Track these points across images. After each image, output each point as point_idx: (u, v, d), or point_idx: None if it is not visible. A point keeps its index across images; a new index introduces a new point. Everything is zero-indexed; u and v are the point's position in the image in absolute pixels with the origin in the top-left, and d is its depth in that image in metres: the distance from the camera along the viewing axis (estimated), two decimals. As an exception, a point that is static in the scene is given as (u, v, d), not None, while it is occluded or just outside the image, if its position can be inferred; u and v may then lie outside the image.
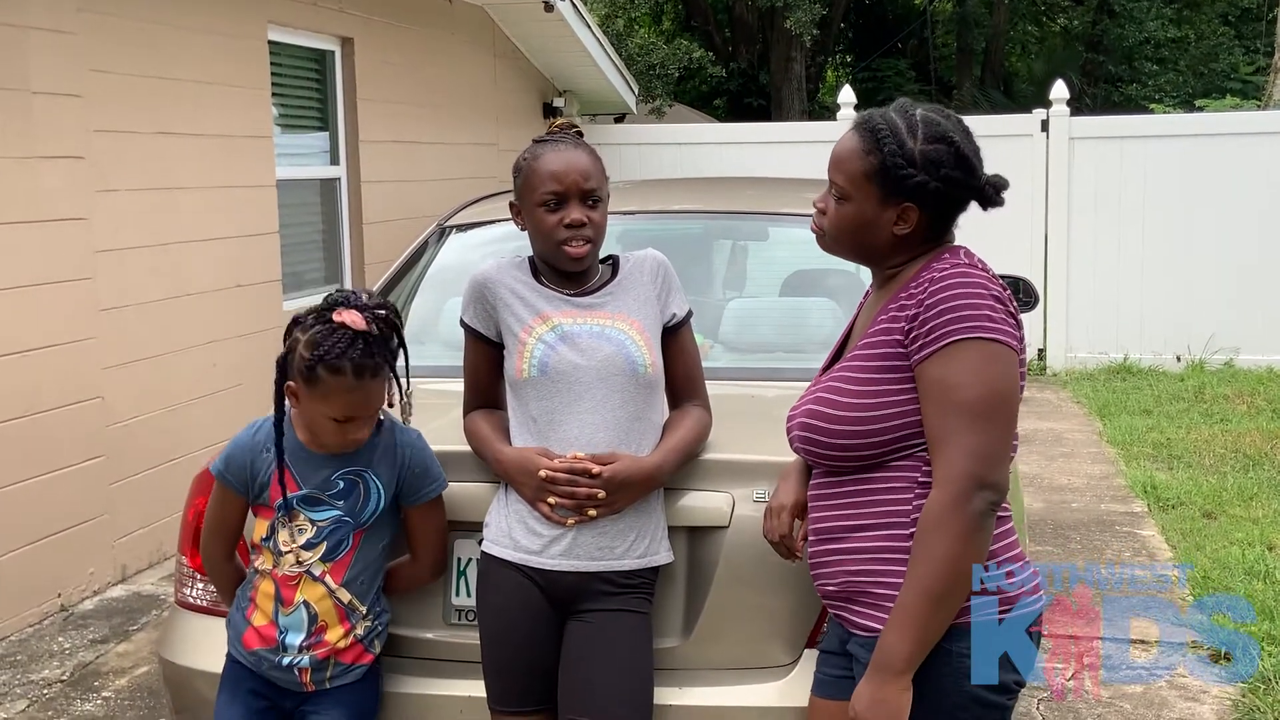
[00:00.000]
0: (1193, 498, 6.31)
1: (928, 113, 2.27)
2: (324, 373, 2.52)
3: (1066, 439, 7.90)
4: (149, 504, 5.56)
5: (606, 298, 2.66)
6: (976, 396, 2.10)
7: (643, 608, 2.57)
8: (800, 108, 20.15)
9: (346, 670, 2.66)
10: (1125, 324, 9.97)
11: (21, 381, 4.95)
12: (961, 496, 2.07)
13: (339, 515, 2.62)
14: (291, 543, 2.62)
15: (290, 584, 2.62)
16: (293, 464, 2.62)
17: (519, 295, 2.66)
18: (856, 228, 2.27)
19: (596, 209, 2.61)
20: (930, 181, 2.20)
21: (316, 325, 2.56)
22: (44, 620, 5.08)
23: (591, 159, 2.64)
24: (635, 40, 15.02)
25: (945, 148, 2.22)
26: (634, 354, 2.58)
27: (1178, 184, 9.81)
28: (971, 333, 2.11)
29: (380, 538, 2.67)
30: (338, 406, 2.54)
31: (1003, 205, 2.29)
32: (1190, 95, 19.01)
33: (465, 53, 9.17)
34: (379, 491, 2.63)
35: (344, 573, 2.63)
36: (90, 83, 5.29)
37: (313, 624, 2.62)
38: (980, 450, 2.09)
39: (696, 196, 4.83)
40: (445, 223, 4.17)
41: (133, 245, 5.57)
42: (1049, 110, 10.05)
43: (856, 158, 2.24)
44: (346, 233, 7.65)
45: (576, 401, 2.57)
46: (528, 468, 2.54)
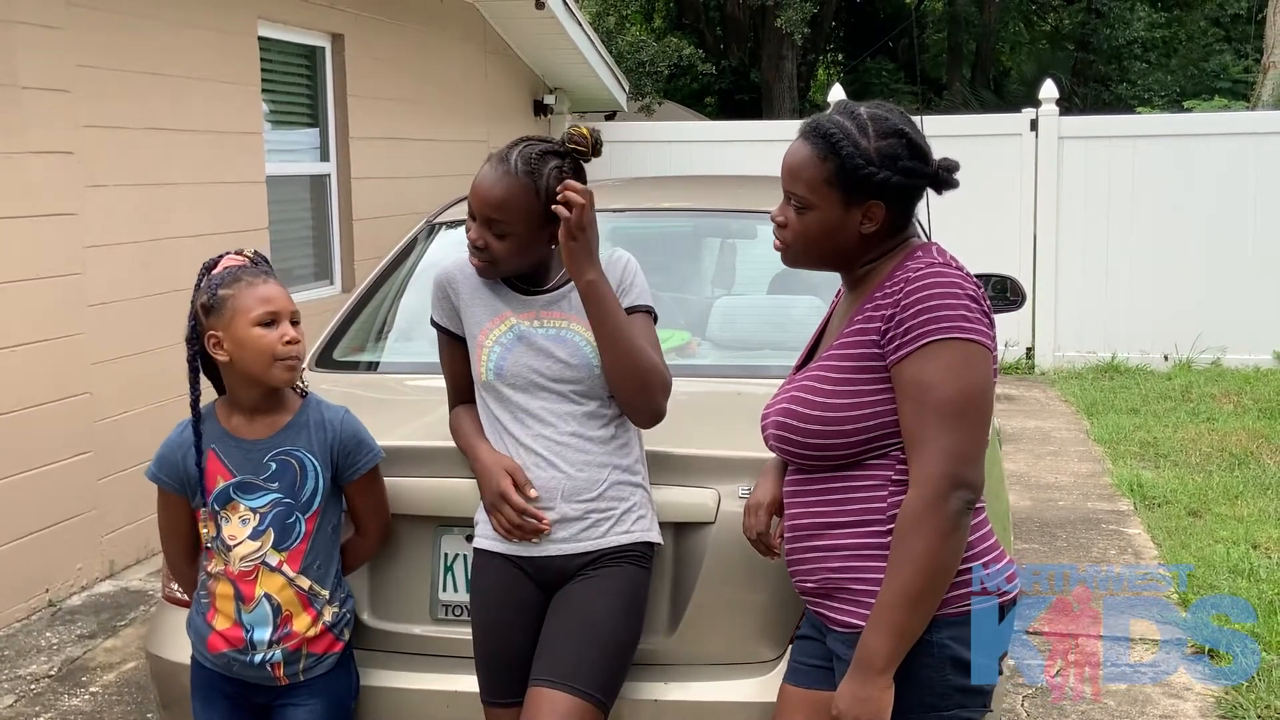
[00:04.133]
0: (1178, 496, 6.34)
1: (872, 110, 2.28)
2: (225, 289, 2.57)
3: (1054, 437, 7.93)
4: (137, 500, 5.55)
5: (564, 298, 2.65)
6: (952, 396, 2.11)
7: (629, 575, 2.55)
8: (791, 106, 20.17)
9: (319, 661, 2.66)
10: (1113, 323, 10.00)
11: (9, 377, 4.95)
12: (939, 496, 2.09)
13: (277, 498, 2.60)
14: (238, 536, 2.60)
15: (248, 579, 2.60)
16: (221, 453, 2.61)
17: (478, 294, 2.67)
18: (823, 235, 2.27)
19: (503, 239, 2.56)
20: (892, 176, 2.21)
21: (202, 278, 2.63)
22: (32, 615, 5.08)
23: (515, 190, 2.54)
24: (626, 38, 15.02)
25: (898, 141, 2.23)
26: (589, 355, 2.59)
27: (1166, 183, 9.85)
28: (948, 333, 2.13)
29: (330, 519, 2.67)
30: (254, 303, 2.56)
31: (957, 186, 2.30)
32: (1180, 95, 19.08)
33: (456, 49, 9.17)
34: (315, 470, 2.62)
35: (300, 560, 2.61)
36: (79, 78, 5.29)
37: (277, 615, 2.60)
38: (956, 450, 2.11)
39: (686, 194, 4.84)
40: (434, 219, 4.18)
41: (122, 240, 5.56)
42: (1038, 110, 10.07)
43: (813, 164, 2.24)
44: (336, 229, 7.65)
45: (533, 402, 2.58)
46: (491, 484, 2.57)
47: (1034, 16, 24.96)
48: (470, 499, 2.69)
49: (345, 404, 2.73)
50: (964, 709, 2.21)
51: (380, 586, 2.81)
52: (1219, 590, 4.93)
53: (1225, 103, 15.85)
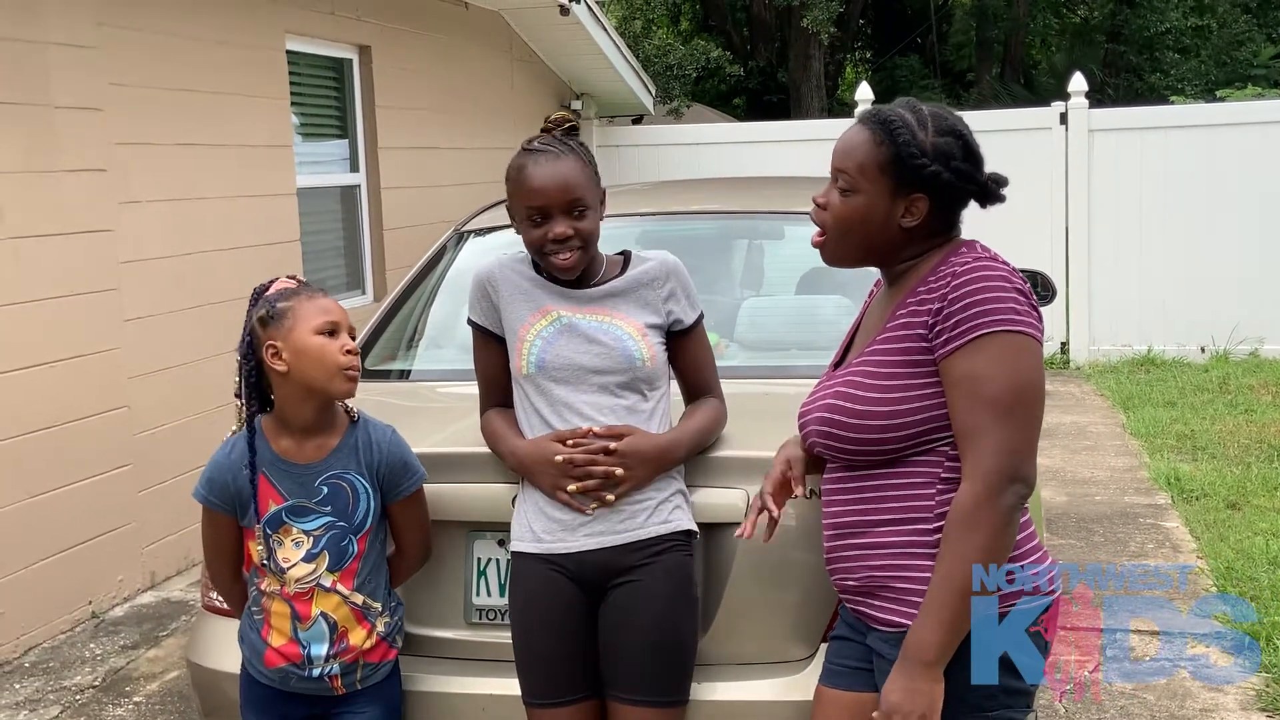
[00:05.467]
0: (1216, 489, 6.29)
1: (934, 108, 2.29)
2: (283, 302, 2.59)
3: (1090, 432, 7.88)
4: (176, 511, 5.61)
5: (607, 297, 2.68)
6: (1005, 389, 2.10)
7: (676, 566, 2.57)
8: (820, 105, 20.13)
9: (375, 670, 2.69)
10: (1148, 316, 9.93)
11: (49, 392, 5.02)
12: (993, 491, 2.09)
13: (331, 521, 2.61)
14: (291, 559, 2.61)
15: (304, 599, 2.62)
16: (272, 476, 2.62)
17: (520, 290, 2.69)
18: (864, 220, 2.26)
19: (585, 218, 2.60)
20: (943, 172, 2.21)
21: (257, 298, 2.65)
22: (75, 627, 5.15)
23: (576, 166, 2.61)
24: (653, 41, 15.04)
25: (955, 140, 2.24)
26: (631, 349, 2.61)
27: (1199, 174, 9.76)
28: (998, 326, 2.12)
29: (380, 535, 2.69)
30: (315, 312, 2.58)
31: (1004, 201, 2.30)
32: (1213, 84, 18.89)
33: (482, 57, 9.22)
34: (366, 492, 2.63)
35: (353, 578, 2.64)
36: (111, 96, 5.36)
37: (334, 632, 2.63)
38: (1010, 445, 2.10)
39: (713, 197, 4.85)
40: (462, 227, 4.21)
41: (156, 256, 5.63)
42: (1068, 103, 10.01)
43: (868, 148, 2.24)
44: (367, 239, 7.71)
45: (574, 395, 2.60)
46: (544, 456, 2.57)
47: (1063, 8, 24.80)
48: (502, 504, 2.71)
49: (377, 413, 2.75)
50: (1009, 709, 2.21)
51: (414, 591, 2.84)
52: (1259, 583, 4.90)
53: (1259, 90, 15.70)
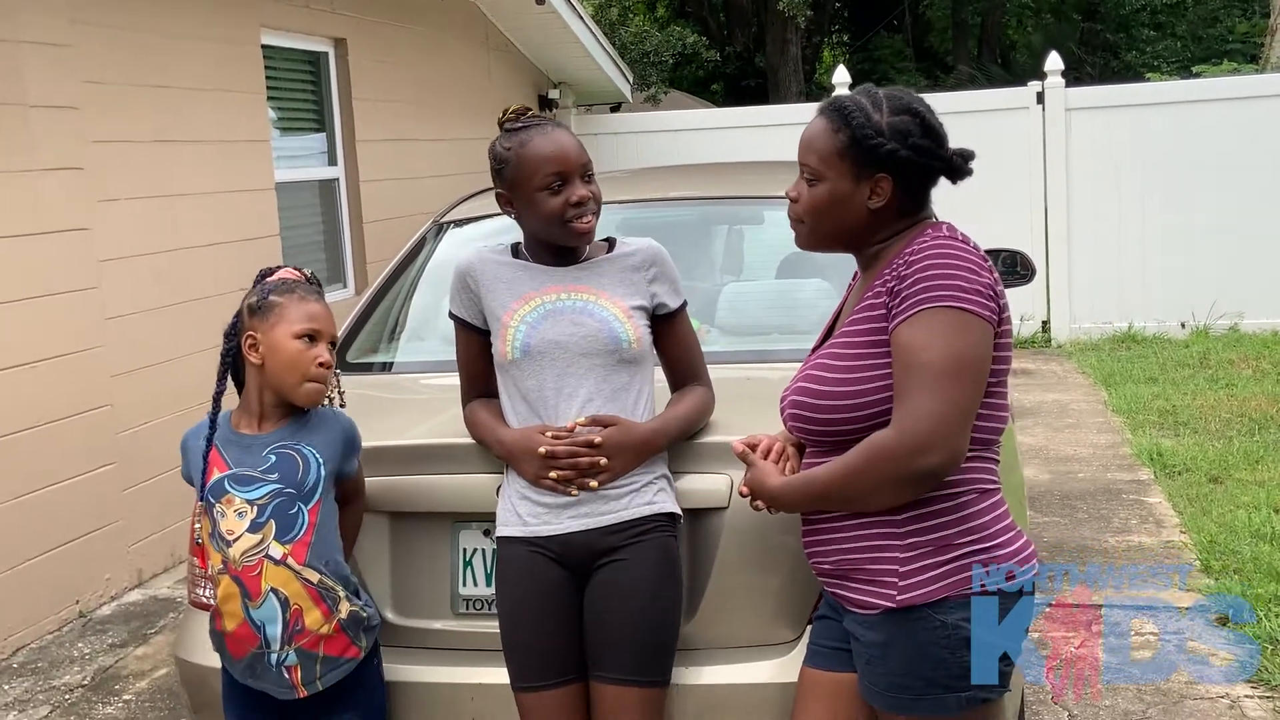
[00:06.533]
0: (1199, 463, 6.34)
1: (889, 90, 2.34)
2: (276, 296, 2.64)
3: (1072, 409, 7.92)
4: (162, 509, 5.61)
5: (592, 270, 2.70)
6: (940, 358, 2.12)
7: (661, 547, 2.58)
8: (798, 89, 20.14)
9: (335, 665, 2.62)
10: (1128, 293, 9.98)
11: (31, 392, 5.00)
12: (913, 451, 2.12)
13: (277, 488, 2.60)
14: (235, 530, 2.59)
15: (252, 574, 2.58)
16: (222, 448, 2.65)
17: (501, 278, 2.70)
18: (831, 205, 2.31)
19: (593, 182, 2.68)
20: (900, 149, 2.25)
21: (257, 284, 2.70)
22: (63, 627, 5.14)
23: (574, 136, 2.71)
24: (629, 29, 15.01)
25: (911, 118, 2.28)
26: (617, 330, 2.62)
27: (1176, 151, 9.81)
28: (940, 301, 2.15)
29: (330, 513, 2.66)
30: (298, 318, 2.61)
31: (971, 175, 2.33)
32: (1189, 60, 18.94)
33: (458, 48, 9.20)
34: (316, 460, 2.63)
35: (305, 552, 2.60)
36: (86, 94, 5.33)
37: (286, 610, 2.58)
38: (939, 412, 2.12)
39: (692, 183, 4.86)
40: (442, 219, 4.21)
41: (136, 253, 5.61)
42: (1044, 82, 10.05)
43: (826, 136, 2.30)
44: (347, 233, 7.70)
45: (560, 378, 2.62)
46: (529, 446, 2.59)
47: (1039, -12, 24.82)
48: (487, 494, 2.72)
49: (360, 406, 2.77)
50: (981, 689, 2.23)
51: (401, 583, 2.85)
52: (1241, 556, 4.94)
53: (1234, 66, 15.74)
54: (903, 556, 2.21)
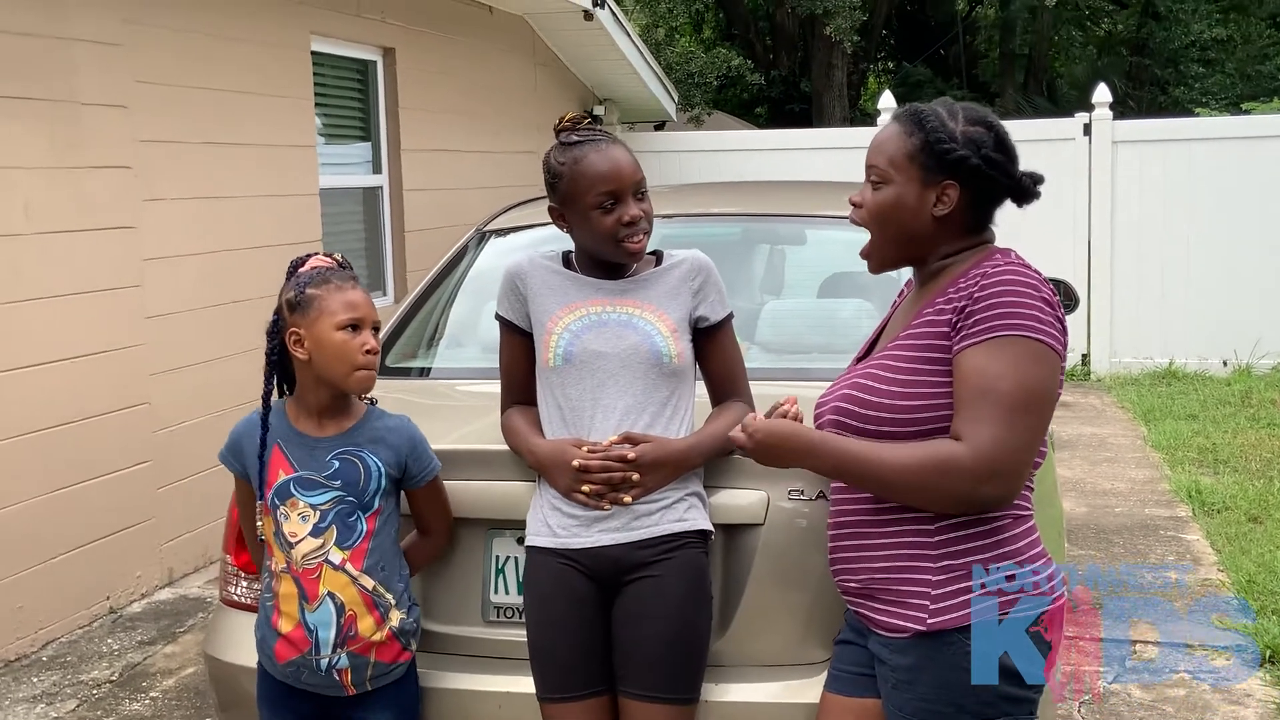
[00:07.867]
0: (1238, 502, 6.25)
1: (968, 105, 2.34)
2: (313, 289, 2.61)
3: (1110, 444, 7.84)
4: (195, 508, 5.64)
5: (639, 285, 2.68)
6: (1016, 389, 2.11)
7: (692, 564, 2.56)
8: (842, 114, 20.09)
9: (386, 670, 2.66)
10: (1170, 328, 9.88)
11: (70, 387, 5.04)
12: (984, 477, 2.09)
13: (339, 495, 2.61)
14: (298, 533, 2.60)
15: (311, 577, 2.61)
16: (285, 447, 2.64)
17: (550, 285, 2.70)
18: (896, 209, 2.29)
19: (645, 200, 2.66)
20: (971, 157, 2.23)
21: (291, 278, 2.67)
22: (93, 622, 5.17)
23: (629, 152, 2.68)
24: (675, 49, 15.05)
25: (986, 131, 2.27)
26: (659, 344, 2.61)
27: (1222, 187, 9.72)
28: (1019, 330, 2.13)
29: (390, 523, 2.67)
30: (340, 307, 2.59)
31: (1039, 198, 2.31)
32: (1237, 98, 18.79)
33: (506, 61, 9.24)
34: (378, 468, 2.63)
35: (363, 559, 2.62)
36: (136, 93, 5.38)
37: (341, 615, 2.60)
38: (1014, 445, 2.10)
39: (734, 200, 4.85)
40: (484, 228, 4.21)
41: (179, 253, 5.65)
42: (1091, 114, 9.98)
43: (899, 139, 2.29)
44: (389, 240, 7.73)
45: (600, 389, 2.60)
46: (561, 459, 2.57)
47: (1088, 21, 24.70)
48: (522, 502, 2.71)
49: (398, 409, 2.76)
50: (1009, 716, 2.20)
51: (432, 589, 2.84)
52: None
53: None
54: (935, 580, 2.18)
